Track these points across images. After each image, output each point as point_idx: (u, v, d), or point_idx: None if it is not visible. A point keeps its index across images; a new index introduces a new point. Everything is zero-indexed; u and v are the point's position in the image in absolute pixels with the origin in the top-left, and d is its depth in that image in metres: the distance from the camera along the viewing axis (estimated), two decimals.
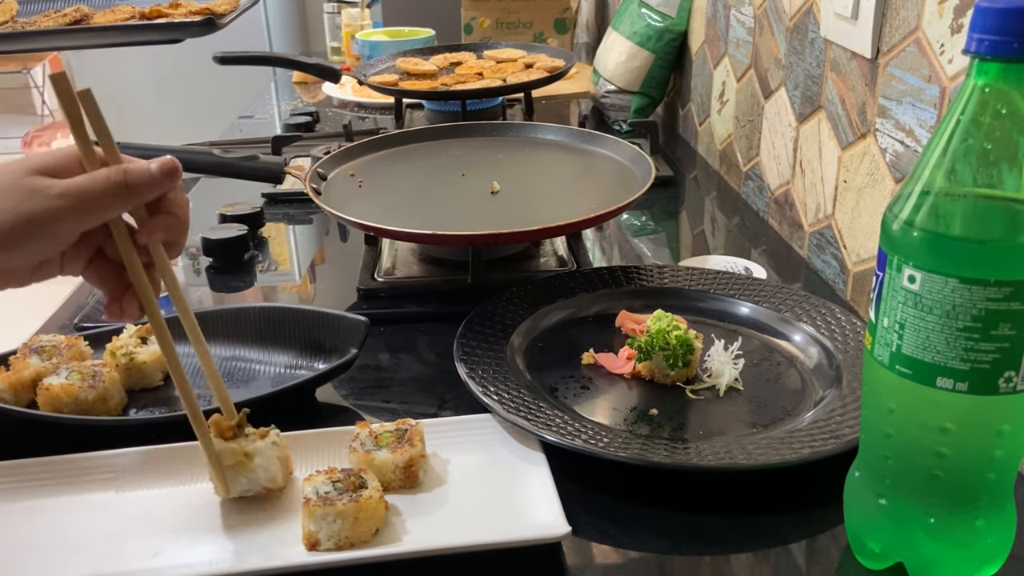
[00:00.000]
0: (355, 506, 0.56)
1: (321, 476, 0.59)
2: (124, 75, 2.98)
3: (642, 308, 0.84)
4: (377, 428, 0.65)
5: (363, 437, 0.64)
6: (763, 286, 0.86)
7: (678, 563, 0.57)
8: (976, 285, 0.44)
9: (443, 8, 2.27)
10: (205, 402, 0.73)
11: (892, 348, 0.48)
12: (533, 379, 0.74)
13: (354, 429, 0.65)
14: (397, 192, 0.99)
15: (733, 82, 1.25)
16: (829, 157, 0.94)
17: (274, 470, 0.60)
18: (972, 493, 0.49)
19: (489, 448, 0.66)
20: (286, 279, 1.02)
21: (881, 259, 0.48)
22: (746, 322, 0.82)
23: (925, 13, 0.73)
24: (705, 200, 1.23)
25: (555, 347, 0.80)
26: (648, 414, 0.69)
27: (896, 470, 0.50)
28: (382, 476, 0.61)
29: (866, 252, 0.87)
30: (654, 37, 1.46)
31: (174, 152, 1.08)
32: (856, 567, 0.55)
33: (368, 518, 0.56)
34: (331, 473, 0.59)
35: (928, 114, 0.74)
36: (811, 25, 0.97)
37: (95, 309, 0.90)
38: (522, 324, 0.81)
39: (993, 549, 0.51)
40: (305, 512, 0.56)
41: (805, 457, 0.61)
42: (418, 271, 0.97)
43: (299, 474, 0.63)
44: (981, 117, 0.44)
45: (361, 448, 0.63)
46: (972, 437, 0.47)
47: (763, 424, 0.68)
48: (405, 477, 0.62)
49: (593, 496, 0.62)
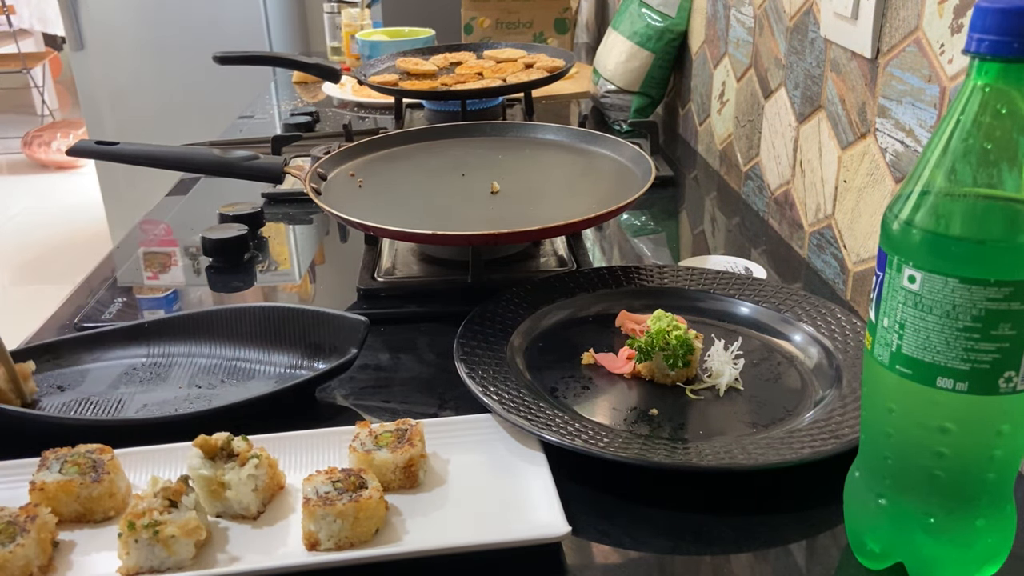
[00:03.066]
0: (355, 506, 0.56)
1: (321, 476, 0.59)
2: (125, 75, 2.98)
3: (642, 308, 0.84)
4: (377, 428, 0.64)
5: (363, 437, 0.64)
6: (763, 286, 0.86)
7: (678, 563, 0.57)
8: (976, 285, 0.44)
9: (443, 8, 2.27)
10: (205, 401, 0.73)
11: (892, 348, 0.48)
12: (533, 379, 0.74)
13: (354, 429, 0.65)
14: (397, 192, 0.99)
15: (733, 82, 1.25)
16: (829, 157, 0.94)
17: (248, 501, 0.59)
18: (972, 493, 0.49)
19: (489, 448, 0.66)
20: (286, 279, 1.02)
21: (881, 259, 0.48)
22: (746, 322, 0.82)
23: (925, 13, 0.73)
24: (705, 200, 1.23)
25: (555, 347, 0.80)
26: (648, 414, 0.69)
27: (896, 470, 0.50)
28: (382, 476, 0.61)
29: (866, 252, 0.87)
30: (654, 37, 1.46)
31: (174, 152, 1.09)
32: (856, 567, 0.55)
33: (368, 518, 0.56)
34: (331, 473, 0.59)
35: (928, 114, 0.74)
36: (811, 25, 0.97)
37: (95, 309, 0.90)
38: (522, 324, 0.81)
39: (993, 549, 0.51)
40: (305, 512, 0.56)
41: (805, 457, 0.61)
42: (418, 271, 0.97)
43: (299, 474, 0.63)
44: (981, 117, 0.44)
45: (361, 448, 0.63)
46: (972, 437, 0.47)
47: (763, 424, 0.68)
48: (405, 477, 0.62)
49: (593, 496, 0.62)
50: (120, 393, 0.74)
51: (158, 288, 0.97)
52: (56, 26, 5.05)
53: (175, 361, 0.79)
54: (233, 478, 0.59)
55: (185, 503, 0.57)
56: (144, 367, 0.78)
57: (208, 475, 0.59)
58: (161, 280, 0.99)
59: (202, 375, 0.77)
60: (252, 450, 0.61)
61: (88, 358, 0.79)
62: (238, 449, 0.61)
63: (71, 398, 0.74)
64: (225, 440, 0.61)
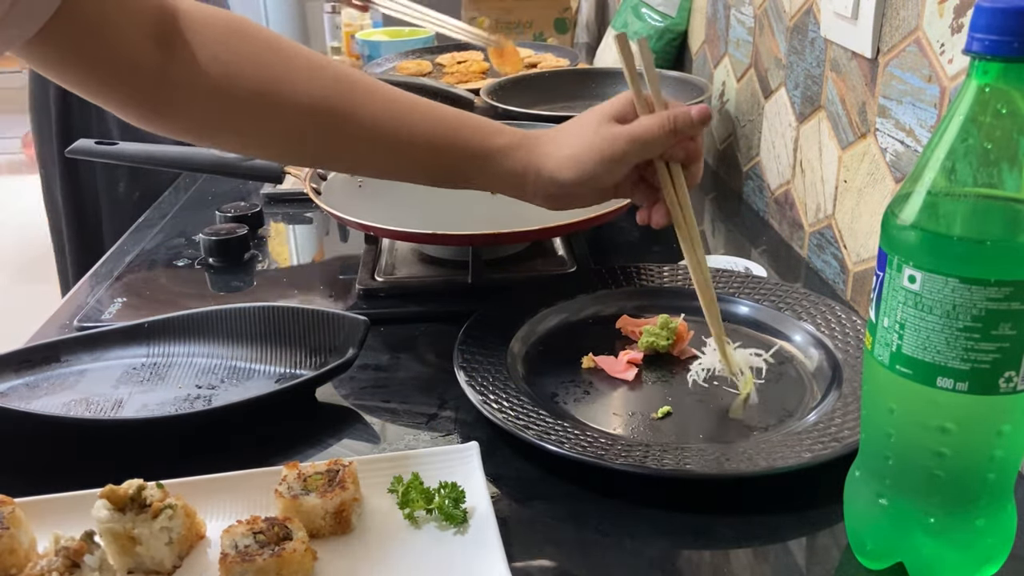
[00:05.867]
0: (277, 561, 0.51)
1: (242, 527, 0.54)
2: None
3: (642, 308, 0.85)
4: (307, 469, 0.59)
5: (290, 480, 0.58)
6: (763, 284, 0.86)
7: (678, 563, 0.57)
8: (976, 285, 0.44)
9: (443, 8, 2.27)
10: (205, 401, 0.73)
11: (892, 348, 0.48)
12: (533, 386, 0.73)
13: (281, 470, 0.60)
14: (397, 192, 0.99)
15: (733, 82, 1.25)
16: (829, 157, 0.94)
17: (161, 556, 0.54)
18: (972, 493, 0.49)
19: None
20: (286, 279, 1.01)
21: (881, 259, 0.48)
22: (745, 321, 0.82)
23: (925, 13, 0.73)
24: (705, 200, 1.23)
25: (555, 351, 0.79)
26: (649, 417, 0.69)
27: (896, 470, 0.50)
28: (310, 523, 0.56)
29: (866, 252, 0.87)
30: (654, 37, 1.46)
31: (174, 152, 1.09)
32: (856, 567, 0.55)
33: (292, 573, 0.52)
34: (253, 523, 0.54)
35: (928, 114, 0.74)
36: (811, 25, 0.97)
37: (95, 309, 0.90)
38: (521, 328, 0.80)
39: (993, 549, 0.51)
40: (222, 569, 0.52)
41: (805, 462, 0.60)
42: (418, 271, 0.96)
43: (223, 522, 0.57)
44: (981, 117, 0.44)
45: (288, 492, 0.57)
46: (972, 437, 0.47)
47: (763, 427, 0.67)
48: (336, 523, 0.57)
49: (593, 496, 0.62)
50: (119, 393, 0.74)
51: (157, 288, 0.96)
52: None
53: (175, 361, 0.79)
54: (144, 531, 0.54)
55: (88, 563, 0.51)
56: (144, 367, 0.78)
57: (117, 528, 0.54)
58: (160, 280, 0.99)
59: (202, 375, 0.77)
60: (167, 499, 0.56)
61: (88, 358, 0.78)
62: (150, 499, 0.55)
63: (71, 398, 0.73)
64: (136, 489, 0.55)
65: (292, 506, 0.57)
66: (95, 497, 0.55)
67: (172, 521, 0.55)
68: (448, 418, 0.72)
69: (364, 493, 0.60)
